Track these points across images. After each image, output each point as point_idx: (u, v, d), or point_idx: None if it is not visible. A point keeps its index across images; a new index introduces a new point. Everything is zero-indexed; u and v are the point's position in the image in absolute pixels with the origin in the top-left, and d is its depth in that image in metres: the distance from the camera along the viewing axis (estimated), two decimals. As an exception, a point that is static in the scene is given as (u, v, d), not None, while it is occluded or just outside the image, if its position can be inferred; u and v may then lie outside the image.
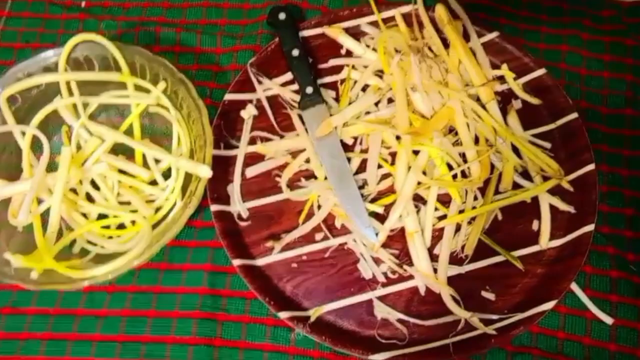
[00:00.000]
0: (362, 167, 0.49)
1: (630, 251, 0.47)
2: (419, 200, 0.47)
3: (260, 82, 0.51)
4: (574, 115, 0.49)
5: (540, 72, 0.51)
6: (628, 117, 0.52)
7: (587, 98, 0.53)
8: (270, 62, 0.52)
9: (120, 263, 0.40)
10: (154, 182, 0.47)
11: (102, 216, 0.46)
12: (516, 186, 0.48)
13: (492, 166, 0.48)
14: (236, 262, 0.44)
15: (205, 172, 0.43)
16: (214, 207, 0.46)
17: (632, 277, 0.46)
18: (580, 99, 0.53)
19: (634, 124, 0.52)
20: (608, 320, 0.45)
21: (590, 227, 0.46)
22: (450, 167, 0.48)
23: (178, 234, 0.42)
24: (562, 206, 0.47)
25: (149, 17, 0.57)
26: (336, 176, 0.47)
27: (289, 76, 0.52)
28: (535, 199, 0.48)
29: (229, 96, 0.50)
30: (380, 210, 0.47)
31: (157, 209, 0.46)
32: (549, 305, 0.43)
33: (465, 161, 0.48)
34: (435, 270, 0.45)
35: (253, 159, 0.49)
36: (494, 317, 0.44)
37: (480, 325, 0.43)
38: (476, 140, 0.49)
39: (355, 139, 0.50)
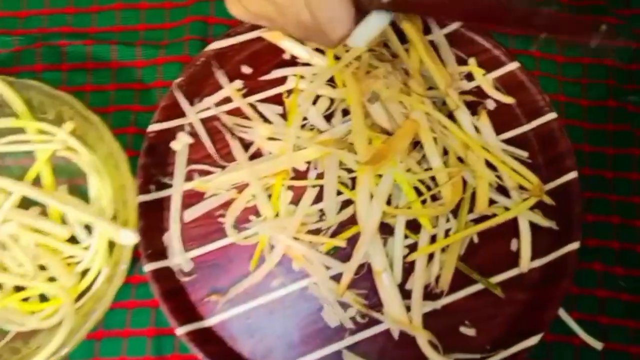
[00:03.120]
0: (319, 196, 0.42)
1: (618, 265, 0.43)
2: (385, 228, 0.42)
3: (191, 104, 0.43)
4: (553, 115, 0.44)
5: (513, 65, 0.45)
6: (611, 110, 0.46)
7: (566, 90, 0.47)
8: (202, 78, 0.44)
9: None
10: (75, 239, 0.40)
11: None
12: (491, 202, 0.43)
13: (465, 182, 0.42)
14: (180, 331, 0.38)
15: (128, 238, 0.36)
16: (148, 267, 0.39)
17: (621, 294, 0.42)
18: (558, 93, 0.46)
19: (617, 118, 0.46)
20: (597, 345, 0.41)
21: (575, 245, 0.41)
22: (418, 191, 0.42)
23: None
24: (544, 222, 0.42)
25: (52, 27, 0.47)
26: None
27: (224, 93, 0.44)
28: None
29: (154, 127, 0.42)
30: (343, 244, 0.41)
31: (84, 272, 0.39)
32: (533, 340, 0.39)
33: (433, 178, 0.42)
34: (408, 309, 0.40)
35: (191, 198, 0.42)
36: (477, 356, 0.40)
37: (462, 371, 0.39)
38: (445, 152, 0.43)
39: (309, 163, 0.43)
